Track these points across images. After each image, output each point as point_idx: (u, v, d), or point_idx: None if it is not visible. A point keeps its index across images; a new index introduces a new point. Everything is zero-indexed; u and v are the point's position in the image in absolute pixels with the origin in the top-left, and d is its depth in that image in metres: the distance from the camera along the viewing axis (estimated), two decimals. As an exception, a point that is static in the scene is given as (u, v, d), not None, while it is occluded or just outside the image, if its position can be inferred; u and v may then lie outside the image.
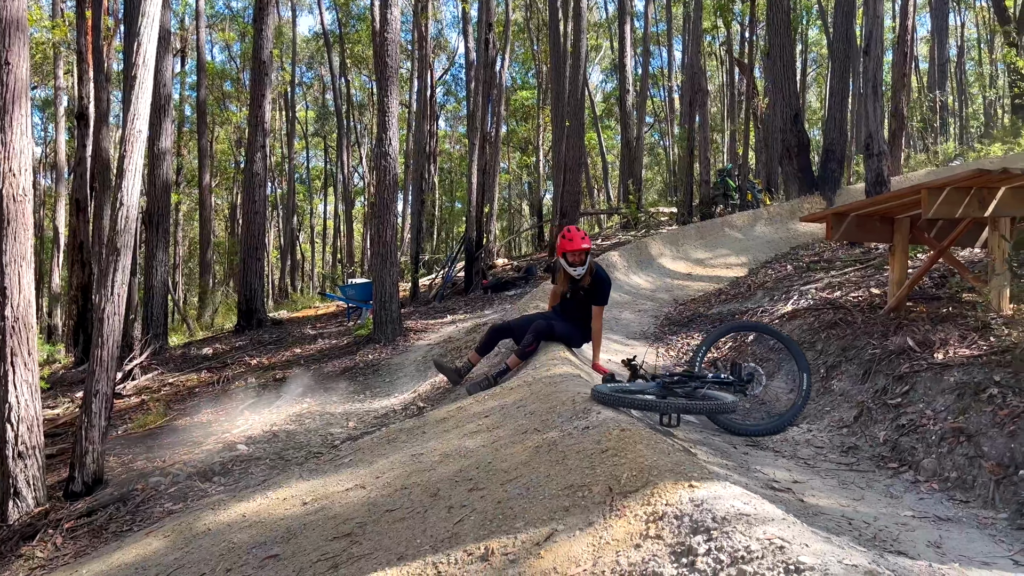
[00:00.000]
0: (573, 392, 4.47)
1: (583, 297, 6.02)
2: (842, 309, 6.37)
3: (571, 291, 6.06)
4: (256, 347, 11.56)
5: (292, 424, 6.66)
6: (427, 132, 29.36)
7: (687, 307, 9.39)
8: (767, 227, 12.49)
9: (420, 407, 6.29)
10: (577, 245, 5.85)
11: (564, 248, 5.87)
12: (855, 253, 9.21)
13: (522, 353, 5.75)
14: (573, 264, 5.86)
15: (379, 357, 8.92)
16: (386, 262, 9.38)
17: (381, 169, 9.49)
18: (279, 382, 8.68)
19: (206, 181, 24.37)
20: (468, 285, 13.93)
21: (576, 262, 5.88)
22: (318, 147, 47.69)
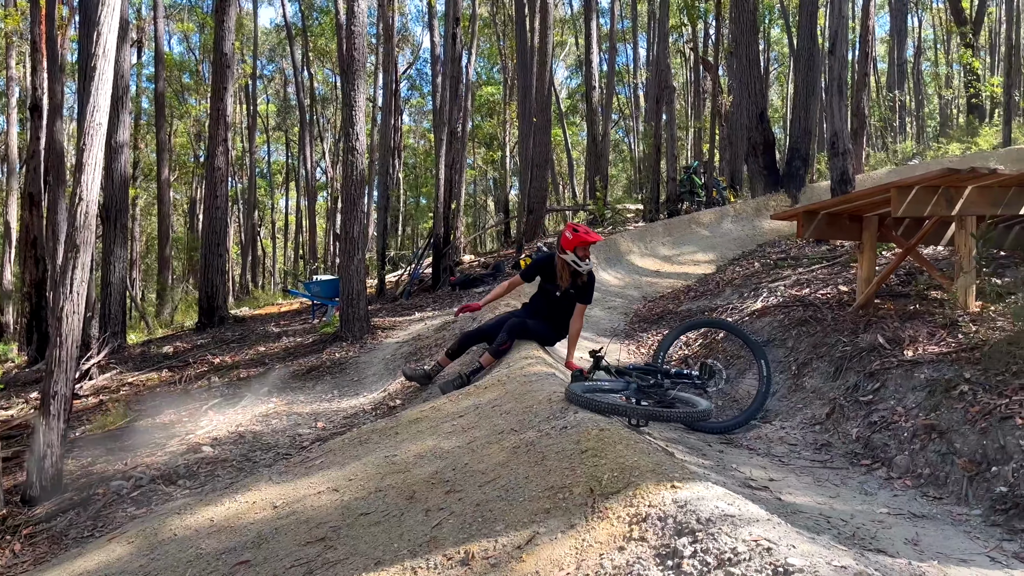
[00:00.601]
0: (549, 391, 4.42)
1: (572, 295, 5.96)
2: (811, 306, 6.42)
3: (564, 289, 5.95)
4: (219, 345, 11.32)
5: (258, 425, 6.51)
6: (392, 127, 29.16)
7: (656, 304, 9.42)
8: (734, 224, 12.59)
9: (391, 406, 6.20)
10: (596, 238, 5.84)
11: (583, 241, 5.72)
12: (821, 251, 9.32)
13: (496, 352, 5.69)
14: (584, 259, 5.81)
15: (347, 355, 8.78)
16: (353, 258, 9.24)
17: (348, 164, 9.34)
18: (243, 381, 8.50)
19: (164, 175, 23.85)
20: (436, 282, 13.83)
21: (586, 256, 5.84)
22: (279, 141, 47.05)
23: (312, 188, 34.72)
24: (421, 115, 45.44)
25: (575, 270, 5.83)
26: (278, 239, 49.08)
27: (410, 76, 38.47)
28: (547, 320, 6.01)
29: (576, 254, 5.79)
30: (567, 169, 35.14)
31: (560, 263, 5.88)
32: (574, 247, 5.76)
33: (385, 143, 15.10)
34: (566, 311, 6.00)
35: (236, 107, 42.09)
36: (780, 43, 35.76)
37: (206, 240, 14.29)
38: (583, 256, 5.82)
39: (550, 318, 5.99)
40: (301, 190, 39.22)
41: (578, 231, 5.80)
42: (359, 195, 9.29)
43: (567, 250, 5.79)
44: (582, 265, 5.79)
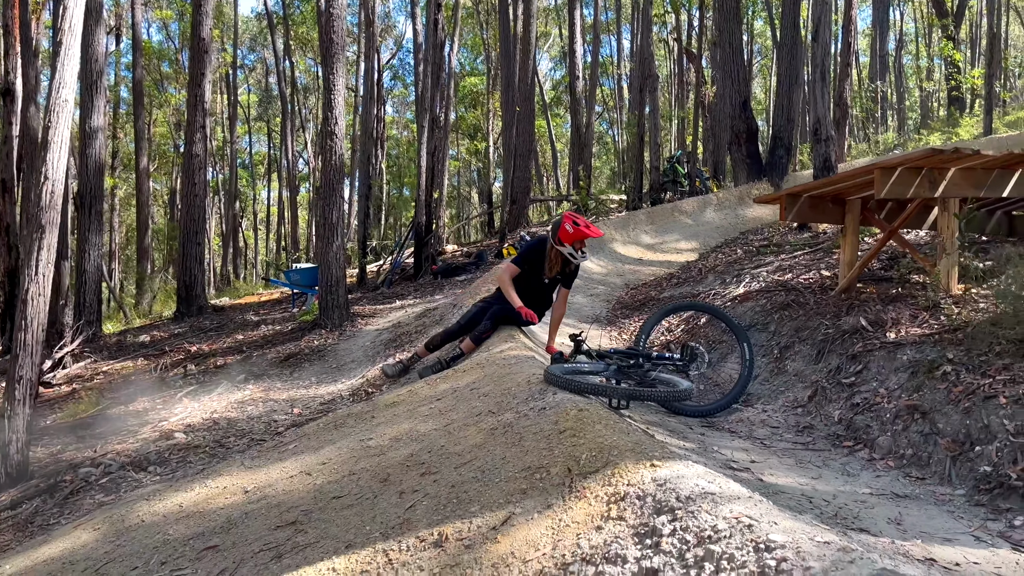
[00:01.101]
0: (528, 373, 4.34)
1: (555, 282, 5.88)
2: (794, 291, 6.38)
3: (552, 276, 5.87)
4: (196, 334, 11.15)
5: (233, 411, 6.39)
6: (374, 116, 28.91)
7: (639, 291, 9.35)
8: (716, 213, 12.55)
9: (369, 392, 6.10)
10: (598, 233, 5.73)
11: (584, 236, 5.59)
12: (804, 237, 9.29)
13: (477, 338, 5.59)
14: (580, 251, 5.69)
15: (325, 343, 8.66)
16: (332, 245, 9.10)
17: (327, 150, 9.20)
18: (220, 369, 8.36)
19: (143, 164, 23.52)
20: (417, 271, 13.70)
21: (582, 249, 5.73)
22: (261, 132, 46.59)
23: (294, 179, 34.41)
24: (405, 106, 45.13)
25: (567, 260, 5.74)
26: (260, 230, 48.69)
27: (393, 66, 38.24)
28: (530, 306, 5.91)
29: (574, 247, 5.69)
30: (551, 161, 35.04)
31: (554, 253, 5.75)
32: (573, 241, 5.62)
33: (367, 130, 14.93)
34: (549, 296, 5.94)
35: (217, 96, 41.66)
36: (763, 35, 35.77)
37: (184, 229, 14.07)
38: (580, 248, 5.71)
39: (533, 304, 5.89)
40: (283, 181, 38.89)
41: (579, 225, 5.63)
42: (338, 181, 9.15)
43: (565, 243, 5.63)
44: (577, 257, 5.70)
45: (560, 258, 5.72)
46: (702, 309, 5.59)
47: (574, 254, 5.67)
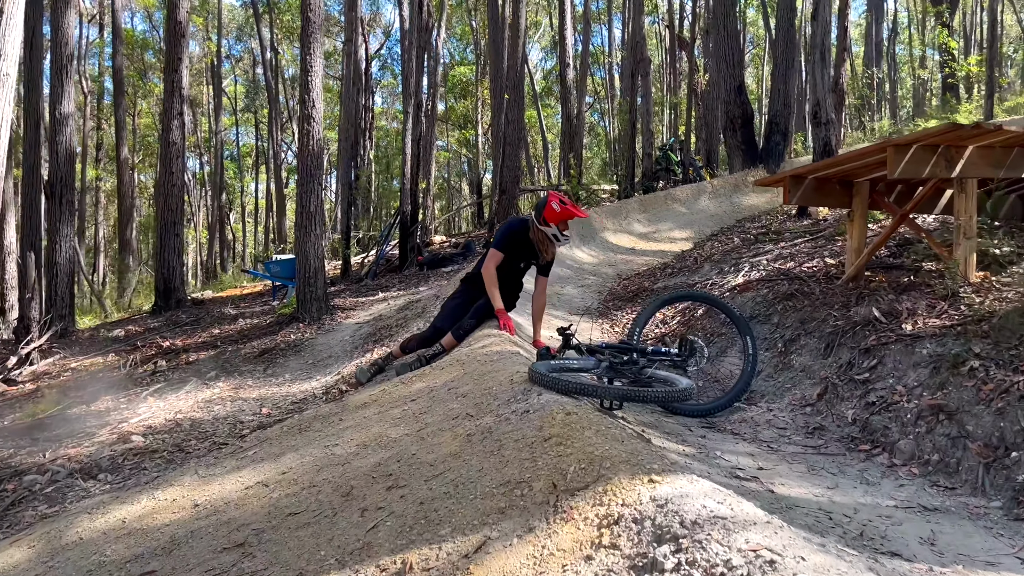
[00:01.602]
0: (511, 371, 3.93)
1: (530, 266, 5.51)
2: (797, 280, 5.99)
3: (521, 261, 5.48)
4: (171, 328, 10.70)
5: (199, 411, 5.96)
6: (363, 106, 28.36)
7: (632, 281, 8.96)
8: (711, 201, 12.16)
9: (343, 391, 5.68)
10: (584, 214, 5.46)
11: (570, 215, 5.22)
12: (803, 224, 8.91)
13: (459, 334, 5.18)
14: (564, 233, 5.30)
15: (302, 337, 8.23)
16: (310, 234, 8.66)
17: (304, 133, 8.74)
18: (191, 365, 7.93)
19: (124, 155, 22.98)
20: (403, 262, 13.26)
21: (566, 230, 5.34)
22: (249, 123, 45.96)
23: (281, 171, 33.85)
24: (394, 96, 44.55)
25: (555, 244, 5.35)
26: (248, 223, 48.12)
27: (381, 56, 37.65)
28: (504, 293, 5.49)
29: (559, 227, 5.29)
30: (542, 151, 34.57)
31: (540, 235, 5.34)
32: (559, 221, 5.22)
33: (349, 116, 14.46)
34: (520, 283, 5.60)
35: (203, 88, 41.06)
36: (755, 24, 35.35)
37: (162, 220, 13.59)
38: (564, 229, 5.32)
39: (505, 290, 5.47)
40: (271, 172, 38.29)
41: (565, 204, 5.26)
42: (316, 167, 8.70)
43: (551, 223, 5.23)
44: (561, 240, 5.30)
45: (547, 241, 5.32)
46: (700, 299, 5.18)
47: (558, 236, 5.28)
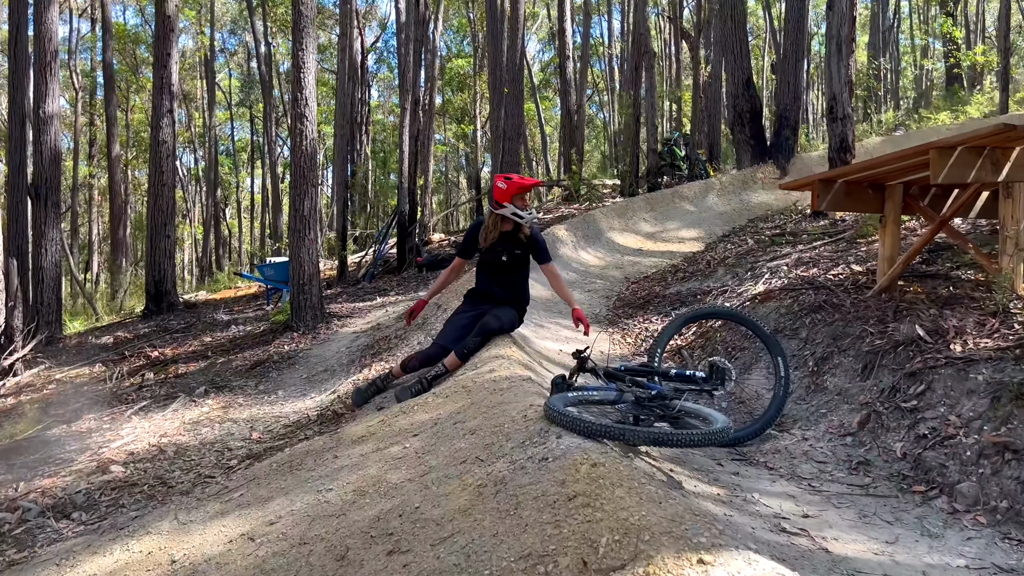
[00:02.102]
0: (524, 404, 3.54)
1: (518, 257, 5.12)
2: (824, 289, 5.60)
3: (502, 252, 5.09)
4: (161, 335, 10.30)
5: (186, 434, 5.57)
6: (358, 100, 27.89)
7: (641, 286, 8.57)
8: (719, 199, 11.76)
9: (339, 413, 5.28)
10: (533, 181, 5.17)
11: (520, 187, 4.97)
12: (820, 225, 8.51)
13: (463, 354, 4.78)
14: (525, 209, 4.99)
15: (297, 348, 7.84)
16: (304, 239, 8.26)
17: (297, 133, 8.33)
18: (180, 379, 7.54)
19: (116, 151, 22.52)
20: (401, 263, 12.86)
21: (526, 207, 5.03)
22: (244, 118, 45.45)
23: (276, 166, 33.38)
24: (390, 90, 44.09)
25: (517, 223, 5.01)
26: (245, 219, 47.68)
27: (377, 48, 37.17)
28: (504, 300, 5.11)
29: (515, 204, 4.98)
30: (540, 145, 34.12)
31: (495, 221, 5.04)
32: (511, 197, 4.95)
33: (344, 111, 14.01)
34: (515, 280, 5.18)
35: (198, 82, 40.57)
36: (754, 14, 34.85)
37: (152, 221, 13.19)
38: (523, 206, 4.99)
39: (507, 295, 5.11)
40: (266, 168, 37.80)
41: (511, 179, 5.02)
42: (310, 167, 8.29)
43: (503, 203, 4.96)
44: (524, 216, 4.98)
45: (507, 222, 5.03)
46: (728, 317, 4.77)
47: (519, 213, 4.96)
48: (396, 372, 5.21)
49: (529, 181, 5.07)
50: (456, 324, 5.06)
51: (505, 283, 5.16)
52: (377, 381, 5.26)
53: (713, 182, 12.05)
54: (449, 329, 5.07)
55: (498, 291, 5.15)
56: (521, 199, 5.01)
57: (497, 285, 5.16)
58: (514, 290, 5.19)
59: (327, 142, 36.26)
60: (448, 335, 5.00)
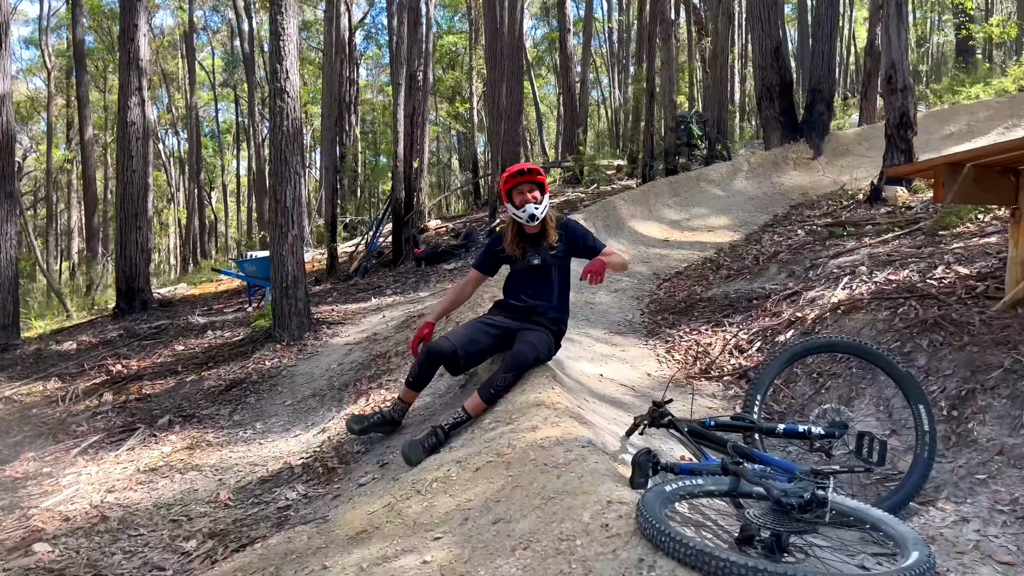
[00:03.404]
0: (598, 498, 2.44)
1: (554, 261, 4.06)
2: (931, 299, 4.51)
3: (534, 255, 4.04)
4: (128, 341, 9.15)
5: (138, 489, 4.46)
6: (347, 79, 26.57)
7: (675, 285, 7.47)
8: (748, 182, 10.65)
9: (329, 467, 4.16)
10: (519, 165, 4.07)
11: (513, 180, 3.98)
12: (881, 213, 7.42)
13: (490, 396, 3.67)
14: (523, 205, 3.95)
15: (280, 363, 6.71)
16: (287, 235, 7.11)
17: (276, 110, 7.15)
18: (142, 402, 6.42)
19: (89, 134, 21.18)
20: (397, 255, 11.72)
21: (526, 201, 3.94)
22: (228, 99, 43.99)
23: (261, 148, 32.01)
24: (379, 68, 42.74)
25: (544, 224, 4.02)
26: (231, 204, 46.37)
27: (365, 25, 35.70)
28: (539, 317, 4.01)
29: (513, 201, 3.97)
30: (536, 125, 32.88)
31: (512, 224, 4.10)
32: (507, 192, 3.99)
33: (332, 88, 12.79)
34: (555, 290, 4.08)
35: (179, 61, 39.10)
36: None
37: (122, 210, 11.97)
38: (521, 203, 3.95)
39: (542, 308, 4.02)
40: (252, 150, 36.41)
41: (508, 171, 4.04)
42: (292, 151, 7.13)
43: (505, 202, 4.05)
44: (521, 215, 3.96)
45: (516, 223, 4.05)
46: (856, 353, 3.43)
47: (518, 212, 3.97)
48: (404, 395, 4.12)
49: (518, 167, 4.02)
50: (476, 329, 3.98)
51: (539, 292, 4.06)
52: (382, 413, 4.16)
53: (741, 163, 10.93)
54: (464, 331, 3.99)
55: (531, 302, 4.04)
56: (520, 193, 3.96)
57: (529, 295, 4.06)
58: (549, 302, 4.06)
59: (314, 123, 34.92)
60: (462, 336, 3.93)
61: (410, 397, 4.15)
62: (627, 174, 17.34)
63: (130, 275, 11.82)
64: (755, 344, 5.27)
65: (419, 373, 4.01)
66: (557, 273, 4.09)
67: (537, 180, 3.98)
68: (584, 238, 4.13)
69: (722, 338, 5.56)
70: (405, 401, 4.16)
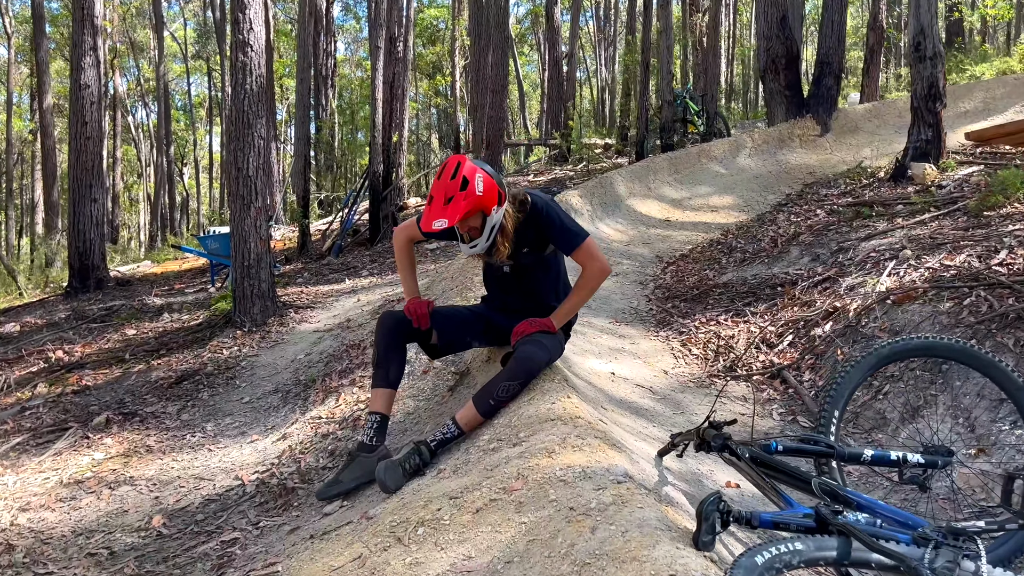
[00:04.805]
0: (655, 562, 1.71)
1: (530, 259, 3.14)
2: (1002, 288, 3.84)
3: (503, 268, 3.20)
4: (75, 324, 8.30)
5: (57, 508, 3.69)
6: (324, 51, 25.52)
7: (682, 268, 6.77)
8: (752, 159, 9.95)
9: (288, 487, 3.41)
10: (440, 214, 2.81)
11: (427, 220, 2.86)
12: (908, 192, 6.75)
13: (489, 408, 2.92)
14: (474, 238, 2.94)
15: (239, 352, 5.93)
16: (249, 207, 6.29)
17: (238, 67, 6.30)
18: (79, 396, 5.61)
19: (47, 102, 19.99)
20: (374, 234, 10.90)
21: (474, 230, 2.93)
22: (201, 71, 42.59)
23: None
24: (357, 43, 41.64)
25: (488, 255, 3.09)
26: (204, 179, 45.10)
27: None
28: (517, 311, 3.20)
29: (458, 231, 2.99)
30: (518, 102, 32.01)
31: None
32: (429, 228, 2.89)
33: (306, 54, 11.88)
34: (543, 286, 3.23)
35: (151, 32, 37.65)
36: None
37: (75, 180, 11.06)
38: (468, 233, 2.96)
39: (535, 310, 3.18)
40: (224, 124, 35.17)
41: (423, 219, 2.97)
42: (256, 112, 6.30)
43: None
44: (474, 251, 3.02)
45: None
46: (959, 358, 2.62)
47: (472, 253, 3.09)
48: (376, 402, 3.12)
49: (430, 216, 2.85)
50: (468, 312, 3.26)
51: (520, 299, 3.24)
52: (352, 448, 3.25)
53: (744, 139, 10.23)
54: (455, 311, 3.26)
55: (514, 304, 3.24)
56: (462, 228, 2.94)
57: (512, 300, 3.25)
58: (546, 300, 3.24)
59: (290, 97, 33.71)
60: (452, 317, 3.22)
61: (386, 402, 3.17)
62: (616, 151, 16.62)
63: (83, 251, 10.93)
64: (786, 338, 4.59)
65: (385, 357, 3.11)
66: (536, 271, 3.20)
67: (469, 215, 2.84)
68: (550, 227, 3.02)
69: (746, 330, 4.87)
70: (380, 412, 3.14)
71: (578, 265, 3.10)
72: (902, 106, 10.12)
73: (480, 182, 2.81)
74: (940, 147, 7.15)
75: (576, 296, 3.14)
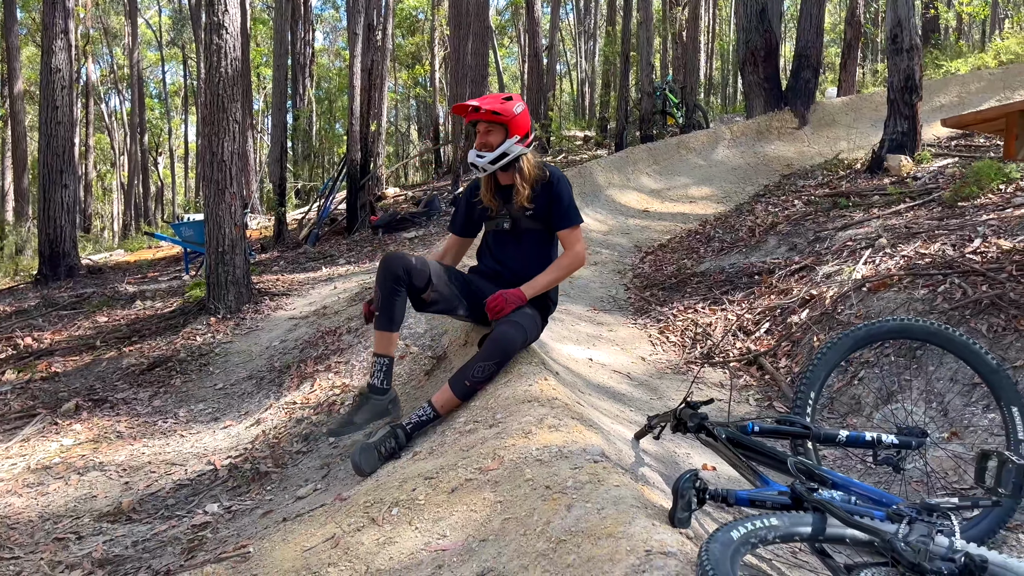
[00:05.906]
0: (631, 539, 1.70)
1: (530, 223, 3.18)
2: (977, 275, 3.87)
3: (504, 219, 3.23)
4: (45, 311, 8.15)
5: (23, 494, 3.61)
6: (302, 40, 25.26)
7: (661, 258, 6.78)
8: (730, 150, 9.99)
9: (261, 471, 3.37)
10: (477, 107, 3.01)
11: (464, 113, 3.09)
12: (884, 183, 6.81)
13: (465, 390, 2.90)
14: (484, 148, 3.06)
15: (213, 339, 5.85)
16: (224, 192, 6.20)
17: (213, 49, 6.20)
18: (48, 383, 5.50)
19: (18, 88, 19.59)
20: (352, 223, 10.81)
21: (487, 144, 3.05)
22: (177, 59, 42.05)
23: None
24: (336, 33, 41.34)
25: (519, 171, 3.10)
26: (179, 168, 44.59)
27: (322, -16, 34.20)
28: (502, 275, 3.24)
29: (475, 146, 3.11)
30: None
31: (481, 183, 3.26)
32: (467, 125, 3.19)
33: (283, 40, 11.74)
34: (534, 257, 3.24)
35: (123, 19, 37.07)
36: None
37: (45, 166, 10.87)
38: (481, 144, 3.08)
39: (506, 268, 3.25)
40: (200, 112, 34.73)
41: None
42: (231, 96, 6.20)
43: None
44: (477, 162, 3.08)
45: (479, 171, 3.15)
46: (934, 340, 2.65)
47: (475, 162, 3.09)
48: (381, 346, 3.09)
49: (470, 104, 3.06)
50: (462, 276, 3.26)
51: (516, 260, 3.26)
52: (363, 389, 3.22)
53: (722, 131, 10.27)
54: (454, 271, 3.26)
55: (505, 272, 3.25)
56: (477, 133, 3.10)
57: (503, 264, 3.28)
58: (529, 272, 3.25)
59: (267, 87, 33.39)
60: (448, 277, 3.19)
61: (393, 344, 3.09)
62: (596, 143, 16.63)
63: (54, 238, 10.76)
64: (763, 325, 4.60)
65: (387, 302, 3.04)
66: (535, 238, 3.25)
67: (495, 120, 3.03)
68: (559, 199, 3.15)
69: (723, 318, 4.88)
70: (388, 354, 3.07)
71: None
72: (879, 100, 10.21)
73: (520, 108, 3.08)
74: (916, 139, 7.21)
75: (553, 273, 3.16)
